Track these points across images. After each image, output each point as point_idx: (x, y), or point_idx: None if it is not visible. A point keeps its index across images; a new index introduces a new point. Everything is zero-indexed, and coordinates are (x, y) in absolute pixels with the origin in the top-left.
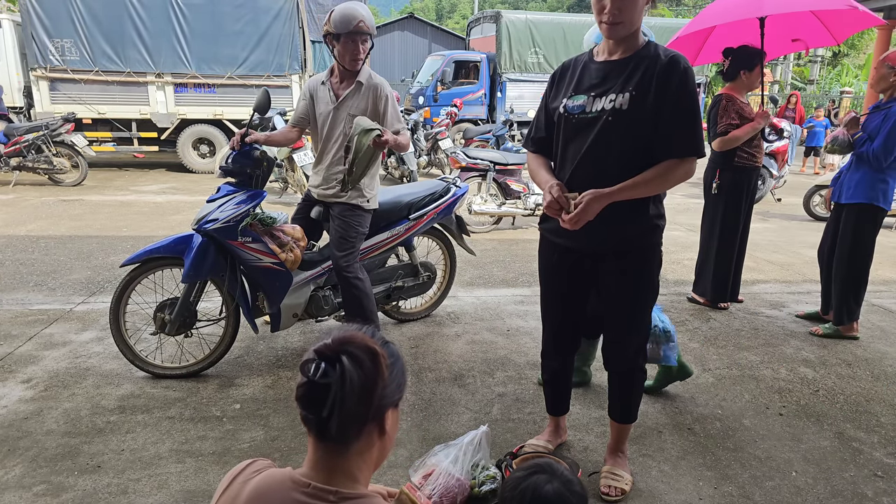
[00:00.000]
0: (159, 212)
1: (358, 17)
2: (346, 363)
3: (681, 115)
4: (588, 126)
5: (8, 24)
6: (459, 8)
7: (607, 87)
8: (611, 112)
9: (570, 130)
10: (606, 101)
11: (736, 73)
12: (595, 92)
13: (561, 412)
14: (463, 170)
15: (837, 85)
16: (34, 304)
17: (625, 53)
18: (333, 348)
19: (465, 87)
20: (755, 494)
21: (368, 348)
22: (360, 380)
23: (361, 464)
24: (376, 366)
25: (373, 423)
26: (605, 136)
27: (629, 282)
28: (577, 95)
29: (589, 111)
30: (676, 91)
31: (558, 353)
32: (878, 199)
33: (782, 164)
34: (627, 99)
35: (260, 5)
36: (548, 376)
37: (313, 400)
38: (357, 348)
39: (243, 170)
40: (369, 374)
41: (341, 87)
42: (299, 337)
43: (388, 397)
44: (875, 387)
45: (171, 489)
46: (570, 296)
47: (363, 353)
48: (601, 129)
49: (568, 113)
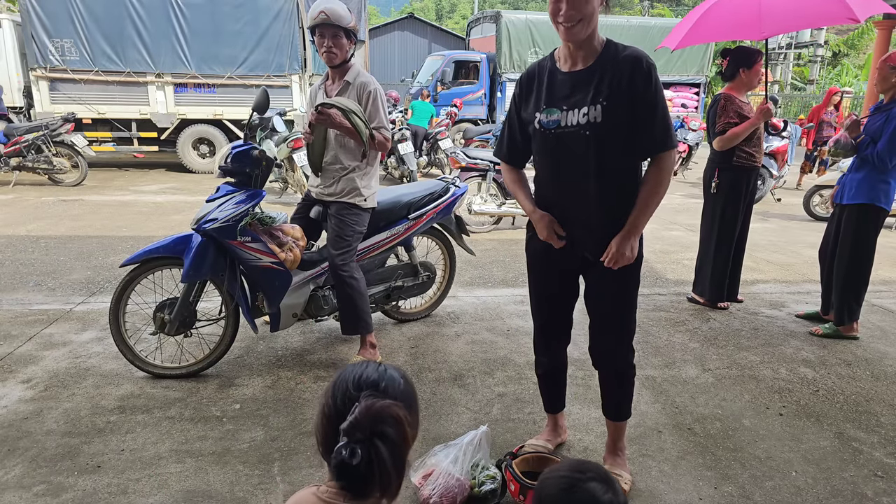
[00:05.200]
0: (159, 212)
1: (320, 8)
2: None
3: (651, 114)
4: (565, 139)
5: (8, 24)
6: (459, 8)
7: (577, 98)
8: (586, 126)
9: (548, 143)
10: (580, 115)
11: (735, 71)
12: (566, 105)
13: (556, 409)
14: (463, 170)
15: (837, 85)
16: (34, 304)
17: (588, 61)
18: (364, 430)
19: (465, 87)
20: (755, 494)
21: (395, 418)
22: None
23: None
24: (403, 433)
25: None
26: (584, 147)
27: (616, 282)
28: (551, 109)
29: (564, 125)
30: (643, 93)
31: (548, 347)
32: (879, 200)
33: (782, 164)
34: (600, 111)
35: (260, 5)
36: (541, 371)
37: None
38: (385, 423)
39: (242, 170)
40: (399, 446)
41: (332, 88)
42: (299, 337)
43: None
44: (875, 387)
45: (171, 489)
46: (558, 291)
47: (391, 426)
48: (579, 142)
49: (544, 128)
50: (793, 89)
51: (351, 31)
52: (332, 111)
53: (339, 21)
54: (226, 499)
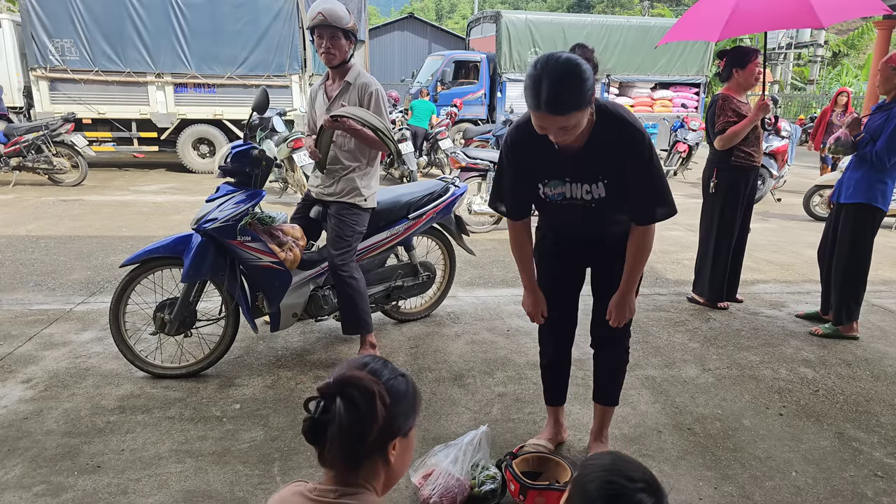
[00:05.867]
0: (159, 212)
1: (318, 9)
2: (340, 405)
3: (640, 186)
4: (573, 206)
5: (8, 24)
6: (459, 8)
7: (578, 173)
8: (591, 201)
9: (556, 208)
10: (584, 191)
11: (729, 72)
12: (569, 177)
13: (558, 402)
14: (463, 170)
15: (837, 85)
16: (34, 304)
17: (581, 139)
18: (332, 388)
19: (465, 87)
20: (755, 494)
21: (366, 389)
22: (352, 421)
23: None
24: (371, 406)
25: (374, 456)
26: (591, 212)
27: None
28: (553, 182)
29: (570, 197)
30: (635, 165)
31: (554, 338)
32: (876, 200)
33: (782, 164)
34: (603, 188)
35: (260, 5)
36: (546, 361)
37: (313, 435)
38: (355, 388)
39: (242, 169)
40: (363, 415)
41: (332, 88)
42: (299, 337)
43: (390, 431)
44: (875, 387)
45: (171, 489)
46: (565, 283)
47: (360, 393)
48: (587, 210)
49: (550, 200)
50: (793, 89)
51: (349, 32)
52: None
53: (337, 22)
54: (226, 499)
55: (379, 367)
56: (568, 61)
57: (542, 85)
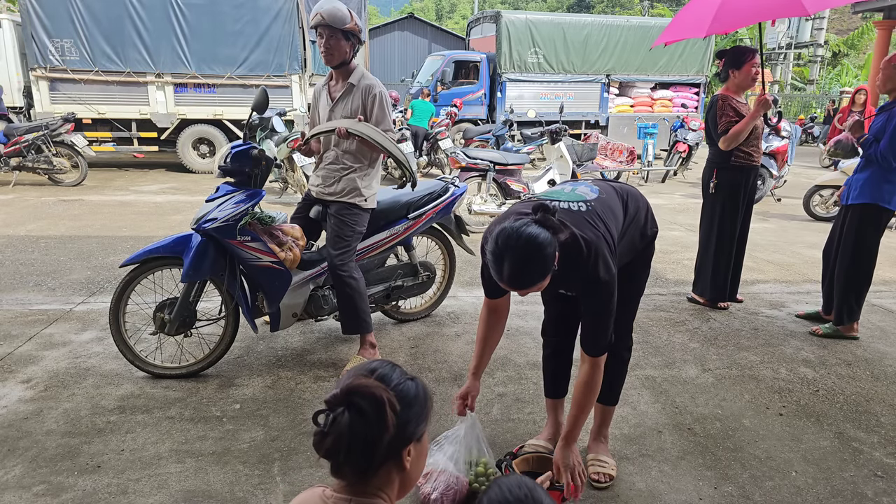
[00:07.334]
0: (159, 212)
1: (318, 10)
2: (347, 417)
3: (588, 315)
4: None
5: (8, 24)
6: (459, 8)
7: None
8: (568, 296)
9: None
10: (558, 292)
11: (727, 73)
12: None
13: (558, 394)
14: (463, 170)
15: (837, 85)
16: (34, 304)
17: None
18: (339, 399)
19: (465, 87)
20: (755, 494)
21: (374, 398)
22: (361, 432)
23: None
24: (381, 415)
25: (387, 464)
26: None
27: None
28: None
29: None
30: (586, 291)
31: (557, 331)
32: (883, 200)
33: (782, 164)
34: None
35: (260, 5)
36: (548, 350)
37: (325, 448)
38: (363, 398)
39: (242, 169)
40: (372, 424)
41: (335, 89)
42: (299, 337)
43: (402, 438)
44: (875, 387)
45: (171, 489)
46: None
47: (368, 403)
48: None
49: None
50: (793, 89)
51: (351, 33)
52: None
53: (335, 22)
54: (226, 499)
55: (387, 372)
56: (528, 243)
57: (503, 264)
